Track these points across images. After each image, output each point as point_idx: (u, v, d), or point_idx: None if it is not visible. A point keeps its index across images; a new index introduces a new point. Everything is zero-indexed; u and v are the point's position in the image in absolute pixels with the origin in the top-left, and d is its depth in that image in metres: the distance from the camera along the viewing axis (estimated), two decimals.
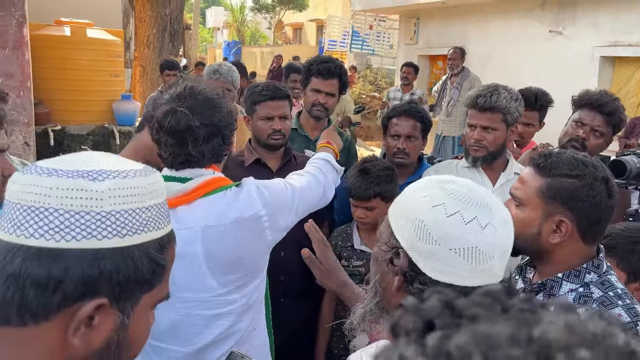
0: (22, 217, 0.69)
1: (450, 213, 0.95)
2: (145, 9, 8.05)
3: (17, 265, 0.67)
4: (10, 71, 4.95)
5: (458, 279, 0.95)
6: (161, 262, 0.78)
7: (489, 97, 2.22)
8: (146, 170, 0.79)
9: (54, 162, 0.74)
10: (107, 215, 0.71)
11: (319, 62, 2.84)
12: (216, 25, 37.47)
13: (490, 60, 8.45)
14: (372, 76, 17.30)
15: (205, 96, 1.58)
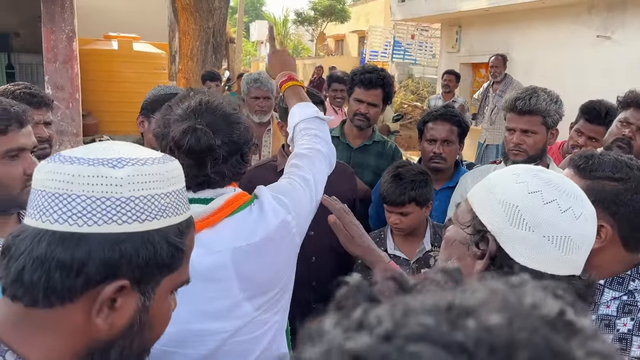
0: (47, 203, 0.73)
1: (548, 200, 0.96)
2: (189, 23, 8.26)
3: (42, 249, 0.71)
4: (60, 84, 5.15)
5: (546, 266, 0.95)
6: (180, 246, 0.80)
7: (528, 100, 2.17)
8: (164, 158, 0.82)
9: (76, 151, 0.77)
10: (127, 201, 0.74)
11: (362, 72, 2.84)
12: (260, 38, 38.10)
13: (535, 67, 8.25)
14: (413, 86, 17.18)
15: (223, 112, 1.43)
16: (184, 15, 8.25)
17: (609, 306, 1.30)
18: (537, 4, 7.66)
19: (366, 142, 2.92)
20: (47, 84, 5.22)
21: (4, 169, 1.46)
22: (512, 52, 8.61)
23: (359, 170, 2.86)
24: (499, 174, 1.04)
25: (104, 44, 7.10)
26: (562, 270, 0.96)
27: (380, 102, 2.84)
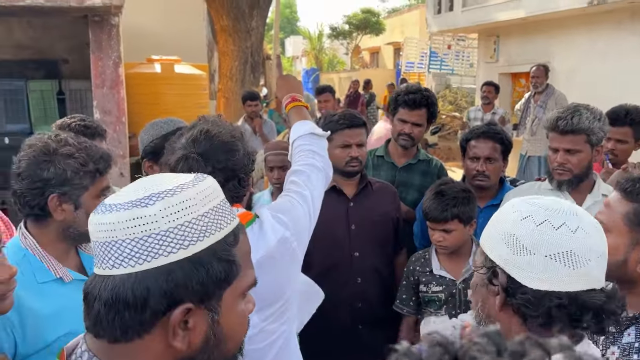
0: (101, 252, 0.80)
1: (540, 222, 1.01)
2: (227, 44, 8.46)
3: (108, 293, 0.78)
4: (107, 108, 5.35)
5: (558, 285, 0.99)
6: (231, 258, 0.83)
7: (570, 119, 2.14)
8: (195, 180, 0.85)
9: (114, 197, 0.83)
10: (167, 233, 0.79)
11: (406, 92, 2.87)
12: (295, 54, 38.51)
13: (576, 76, 8.08)
14: (451, 96, 17.07)
15: (220, 140, 1.52)
16: (223, 37, 8.45)
17: None
18: (577, 11, 7.52)
19: (411, 161, 2.94)
20: (96, 109, 5.43)
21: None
22: (553, 61, 8.47)
23: (404, 189, 2.88)
24: (498, 213, 1.10)
25: (147, 67, 7.33)
26: (577, 285, 0.99)
27: (424, 121, 2.87)
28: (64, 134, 1.61)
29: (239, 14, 8.36)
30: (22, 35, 6.53)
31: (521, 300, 1.01)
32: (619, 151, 2.95)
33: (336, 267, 2.45)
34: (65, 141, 1.55)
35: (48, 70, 6.62)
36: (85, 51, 5.59)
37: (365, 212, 2.50)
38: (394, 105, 2.91)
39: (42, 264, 1.55)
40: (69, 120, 2.37)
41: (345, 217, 2.47)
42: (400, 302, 2.39)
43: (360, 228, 2.48)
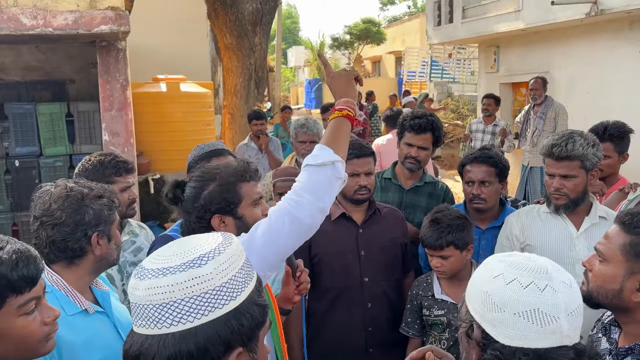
0: (157, 313, 0.87)
1: (509, 280, 1.06)
2: (232, 61, 8.59)
3: (170, 349, 0.86)
4: (116, 130, 5.46)
5: (527, 342, 1.03)
6: (264, 302, 0.96)
7: (565, 146, 2.24)
8: (227, 240, 0.97)
9: (158, 261, 0.91)
10: (221, 288, 0.90)
11: (412, 117, 2.99)
12: (297, 64, 38.70)
13: (576, 85, 8.16)
14: (453, 104, 17.14)
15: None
16: (227, 54, 8.58)
17: None
18: (575, 21, 7.61)
19: (417, 184, 3.03)
20: (105, 131, 5.54)
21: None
22: (552, 71, 8.55)
23: (411, 210, 2.96)
24: (479, 267, 1.16)
25: (153, 87, 7.46)
26: (546, 342, 1.02)
27: (430, 145, 2.97)
28: (75, 180, 1.78)
29: (242, 32, 8.50)
30: (30, 57, 6.66)
31: (491, 356, 1.06)
32: (604, 166, 3.06)
33: (347, 292, 2.52)
34: (89, 186, 1.74)
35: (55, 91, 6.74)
36: (91, 71, 5.71)
37: (375, 238, 2.57)
38: (400, 130, 3.02)
39: (69, 299, 1.67)
40: (103, 158, 2.49)
41: (355, 243, 2.55)
42: (405, 325, 2.47)
43: (370, 254, 2.55)
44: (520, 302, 1.03)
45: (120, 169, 2.47)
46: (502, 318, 1.05)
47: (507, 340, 1.04)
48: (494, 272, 1.10)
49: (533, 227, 2.43)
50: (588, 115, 7.49)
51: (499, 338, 1.05)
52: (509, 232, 2.49)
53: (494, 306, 1.06)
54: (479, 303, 1.09)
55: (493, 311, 1.06)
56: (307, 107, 26.28)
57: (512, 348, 1.03)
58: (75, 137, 5.89)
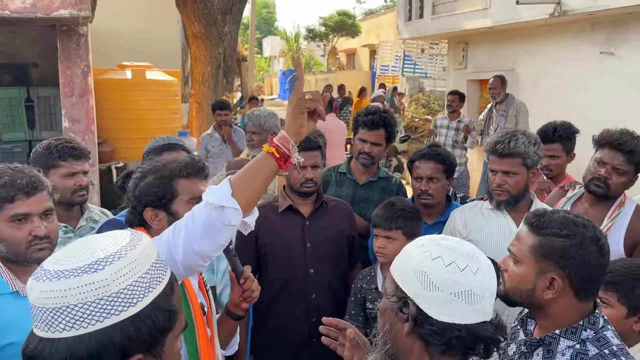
0: (50, 317, 0.85)
1: (448, 263, 1.15)
2: (200, 50, 8.51)
3: (62, 355, 0.84)
4: (76, 117, 5.37)
5: (460, 318, 1.13)
6: (171, 308, 0.92)
7: (507, 144, 2.31)
8: (133, 240, 0.92)
9: (57, 262, 0.88)
10: (118, 294, 0.86)
11: (365, 114, 3.03)
12: (272, 54, 38.49)
13: (540, 83, 8.33)
14: (424, 99, 17.29)
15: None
16: (195, 43, 8.50)
17: (564, 354, 1.42)
18: (540, 21, 7.74)
19: (371, 179, 3.08)
20: (65, 118, 5.45)
21: (10, 231, 1.72)
22: (517, 69, 8.70)
23: (364, 205, 3.01)
24: (410, 247, 1.24)
25: (118, 74, 7.34)
26: (473, 319, 1.14)
27: (383, 141, 3.02)
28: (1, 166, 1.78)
29: (211, 21, 8.42)
30: None
31: (428, 331, 1.15)
32: (553, 166, 3.20)
33: (292, 283, 2.56)
34: None
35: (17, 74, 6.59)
36: (55, 55, 5.59)
37: (321, 231, 2.60)
38: (354, 125, 3.06)
39: (2, 279, 1.72)
40: (55, 142, 2.49)
41: (302, 235, 2.58)
42: (350, 318, 2.51)
43: (316, 246, 2.58)
44: (457, 284, 1.13)
45: (65, 154, 2.44)
46: (439, 297, 1.14)
47: (441, 317, 1.13)
48: (432, 254, 1.18)
49: (475, 222, 2.50)
50: (550, 113, 7.64)
51: (434, 315, 1.14)
52: (453, 227, 2.56)
53: (432, 286, 1.14)
54: (416, 282, 1.16)
55: (431, 290, 1.14)
56: (281, 97, 26.20)
57: (445, 324, 1.13)
58: (35, 123, 5.79)
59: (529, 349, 1.51)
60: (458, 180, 6.77)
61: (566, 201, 2.63)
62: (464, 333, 1.13)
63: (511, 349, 1.60)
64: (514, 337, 1.63)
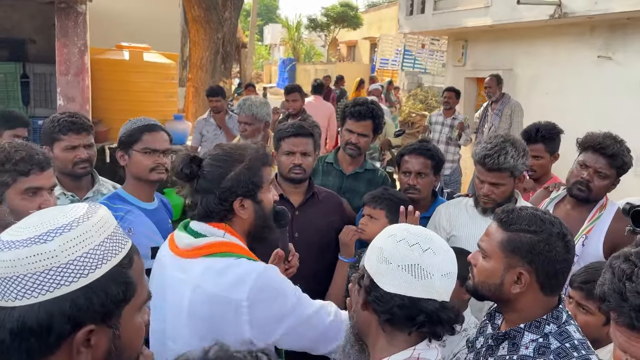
0: (2, 286, 0.85)
1: (399, 239, 1.26)
2: (199, 34, 8.48)
3: (14, 323, 0.84)
4: (71, 95, 5.37)
5: (403, 290, 1.22)
6: (128, 280, 0.92)
7: (497, 158, 2.28)
8: (89, 212, 0.92)
9: (13, 232, 0.89)
10: (67, 265, 0.86)
11: (353, 105, 3.06)
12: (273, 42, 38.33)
13: (538, 84, 8.36)
14: (422, 95, 17.29)
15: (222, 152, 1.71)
16: (195, 27, 8.47)
17: (528, 347, 1.47)
18: (540, 22, 7.76)
19: (358, 170, 3.10)
20: (59, 95, 5.45)
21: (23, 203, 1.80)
22: (516, 68, 8.73)
23: (350, 195, 3.03)
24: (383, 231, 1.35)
25: (115, 54, 7.31)
26: (418, 293, 1.22)
27: (370, 132, 3.04)
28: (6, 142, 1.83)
29: (211, 5, 8.39)
30: None
31: (374, 298, 1.25)
32: (537, 166, 3.24)
33: None
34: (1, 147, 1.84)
35: (14, 49, 6.55)
36: (52, 32, 5.57)
37: (310, 222, 2.60)
38: (342, 116, 3.08)
39: None
40: (58, 116, 2.56)
41: (290, 225, 2.59)
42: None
43: (304, 236, 2.58)
44: (404, 257, 1.23)
45: (65, 127, 2.49)
46: (388, 269, 1.24)
47: (388, 287, 1.24)
48: (389, 232, 1.30)
49: (459, 218, 2.53)
50: (546, 115, 7.63)
51: (383, 285, 1.24)
52: (437, 222, 2.59)
53: (384, 259, 1.25)
54: (374, 257, 1.28)
55: (382, 263, 1.25)
56: (279, 86, 26.11)
57: (391, 294, 1.23)
58: (30, 99, 5.78)
59: (495, 342, 1.55)
60: (450, 177, 6.81)
61: (549, 202, 2.66)
62: (406, 302, 1.21)
63: (479, 342, 1.64)
64: (483, 331, 1.67)
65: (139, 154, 2.35)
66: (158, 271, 1.76)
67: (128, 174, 2.43)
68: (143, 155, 2.36)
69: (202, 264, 1.60)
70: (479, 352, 1.61)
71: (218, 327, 1.56)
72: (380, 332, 1.28)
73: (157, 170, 2.39)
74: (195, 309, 1.59)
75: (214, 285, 1.56)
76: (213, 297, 1.56)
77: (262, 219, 1.72)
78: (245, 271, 1.57)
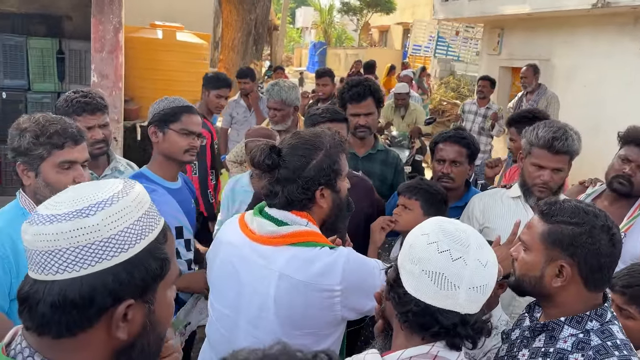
0: (43, 260, 0.86)
1: (431, 242, 1.19)
2: (232, 14, 8.47)
3: (55, 296, 0.85)
4: (105, 72, 5.41)
5: (424, 297, 1.17)
6: (163, 255, 0.94)
7: (565, 140, 2.18)
8: (126, 188, 0.93)
9: (51, 206, 0.89)
10: (109, 240, 0.87)
11: (348, 88, 2.99)
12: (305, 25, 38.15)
13: (576, 75, 8.13)
14: (454, 83, 17.02)
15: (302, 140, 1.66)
16: (228, 7, 8.46)
17: (566, 341, 1.42)
18: (581, 11, 7.52)
19: (371, 151, 3.08)
20: (93, 72, 5.50)
21: (57, 177, 1.82)
22: (554, 59, 8.50)
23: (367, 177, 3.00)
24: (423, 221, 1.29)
25: (149, 33, 7.34)
26: (440, 303, 1.15)
27: (374, 109, 3.01)
28: (40, 115, 1.85)
29: None
30: None
31: (395, 295, 1.22)
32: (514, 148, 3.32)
33: None
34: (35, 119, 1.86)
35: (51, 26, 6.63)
36: (88, 9, 5.61)
37: None
38: (341, 104, 3.03)
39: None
40: (72, 95, 2.53)
41: None
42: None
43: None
44: (430, 263, 1.16)
45: (79, 109, 2.47)
46: (413, 270, 1.18)
47: (410, 290, 1.18)
48: (423, 230, 1.23)
49: (494, 210, 2.46)
50: (584, 107, 7.50)
51: (405, 284, 1.19)
52: (470, 213, 2.53)
53: (412, 258, 1.20)
54: (404, 252, 1.23)
55: (409, 263, 1.20)
56: (310, 70, 26.02)
57: (411, 297, 1.18)
58: (65, 75, 5.84)
59: (532, 333, 1.51)
60: (480, 167, 6.69)
61: (585, 197, 2.58)
62: (423, 310, 1.16)
63: (515, 334, 1.60)
64: (520, 324, 1.63)
65: (176, 134, 2.35)
66: (227, 255, 1.72)
67: (156, 152, 2.42)
68: (180, 136, 2.35)
69: (287, 253, 1.58)
70: (514, 343, 1.57)
71: (309, 313, 1.58)
72: (399, 326, 1.24)
73: (190, 152, 2.40)
74: (283, 297, 1.57)
75: (302, 274, 1.56)
76: (302, 285, 1.56)
77: (338, 208, 1.71)
78: (333, 259, 1.57)
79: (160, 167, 2.42)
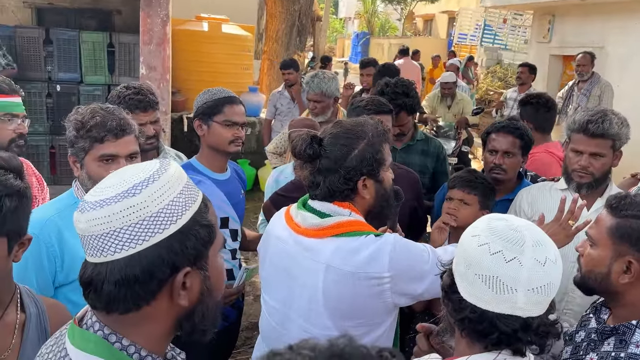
0: (101, 243, 0.92)
1: (481, 243, 1.11)
2: (276, 6, 8.49)
3: (117, 275, 0.91)
4: (153, 64, 5.52)
5: (481, 302, 1.09)
6: (209, 222, 0.98)
7: (601, 123, 2.12)
8: (163, 166, 0.98)
9: (97, 193, 0.94)
10: (158, 214, 0.92)
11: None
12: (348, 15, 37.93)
13: (630, 63, 7.78)
14: (501, 72, 16.60)
15: (343, 130, 1.63)
16: None
17: (639, 346, 1.35)
18: None
19: (409, 142, 3.03)
20: (142, 65, 5.62)
21: (98, 170, 1.81)
22: (608, 46, 8.17)
23: None
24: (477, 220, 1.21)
25: (195, 25, 7.46)
26: (497, 308, 1.08)
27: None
28: (92, 105, 1.88)
29: None
30: None
31: (450, 301, 1.16)
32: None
33: None
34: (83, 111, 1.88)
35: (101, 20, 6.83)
36: (137, 3, 5.74)
37: None
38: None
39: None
40: (125, 92, 2.51)
41: None
42: None
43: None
44: (483, 266, 1.09)
45: (132, 106, 2.45)
46: (466, 274, 1.12)
47: (465, 295, 1.12)
48: (474, 231, 1.15)
49: (542, 202, 2.38)
50: (638, 97, 7.18)
51: (460, 289, 1.13)
52: (518, 206, 2.46)
53: (464, 262, 1.13)
54: (458, 255, 1.17)
55: (462, 266, 1.14)
56: (352, 61, 25.90)
57: (467, 303, 1.11)
58: (115, 67, 6.00)
59: (600, 337, 1.45)
60: None
61: (638, 189, 2.47)
62: (480, 316, 1.09)
63: (579, 335, 1.54)
64: (584, 325, 1.57)
65: (220, 125, 2.36)
66: (276, 249, 1.74)
67: (203, 144, 2.45)
68: (224, 128, 2.37)
69: (332, 244, 1.57)
70: (579, 345, 1.51)
71: (358, 303, 1.57)
72: (459, 334, 1.17)
73: (235, 143, 2.41)
74: (331, 289, 1.57)
75: (349, 264, 1.55)
76: (350, 275, 1.54)
77: (383, 198, 1.69)
78: (378, 246, 1.55)
79: (207, 159, 2.46)
